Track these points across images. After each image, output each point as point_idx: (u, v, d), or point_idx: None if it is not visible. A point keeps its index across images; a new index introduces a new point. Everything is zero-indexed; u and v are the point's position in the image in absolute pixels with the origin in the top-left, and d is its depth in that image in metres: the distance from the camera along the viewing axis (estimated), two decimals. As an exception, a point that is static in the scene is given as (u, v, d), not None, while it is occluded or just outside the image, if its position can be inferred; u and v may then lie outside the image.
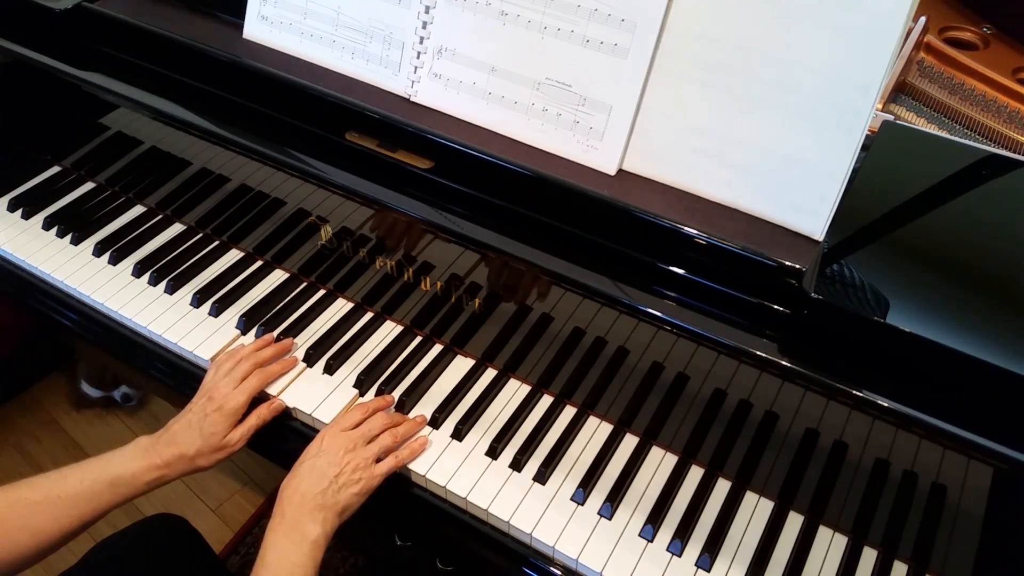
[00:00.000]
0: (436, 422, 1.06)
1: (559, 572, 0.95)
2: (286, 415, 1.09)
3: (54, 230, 1.30)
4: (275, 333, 1.15)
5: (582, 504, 0.99)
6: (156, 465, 0.97)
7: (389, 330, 1.17)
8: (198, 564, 1.11)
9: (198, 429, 1.00)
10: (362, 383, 1.10)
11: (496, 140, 0.98)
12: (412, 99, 1.03)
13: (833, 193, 0.85)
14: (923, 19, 1.28)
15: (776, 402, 0.90)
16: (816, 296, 0.79)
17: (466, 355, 1.14)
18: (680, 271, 0.88)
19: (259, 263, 1.27)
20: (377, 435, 0.99)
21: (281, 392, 1.08)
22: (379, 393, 1.09)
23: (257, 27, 1.12)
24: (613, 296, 0.90)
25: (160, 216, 1.34)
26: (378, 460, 0.97)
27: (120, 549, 1.08)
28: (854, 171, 0.84)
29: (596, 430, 1.07)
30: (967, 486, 0.82)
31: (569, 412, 1.08)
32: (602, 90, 0.92)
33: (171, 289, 1.22)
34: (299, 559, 0.85)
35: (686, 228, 0.86)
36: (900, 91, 1.21)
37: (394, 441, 0.99)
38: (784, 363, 0.82)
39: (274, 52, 1.11)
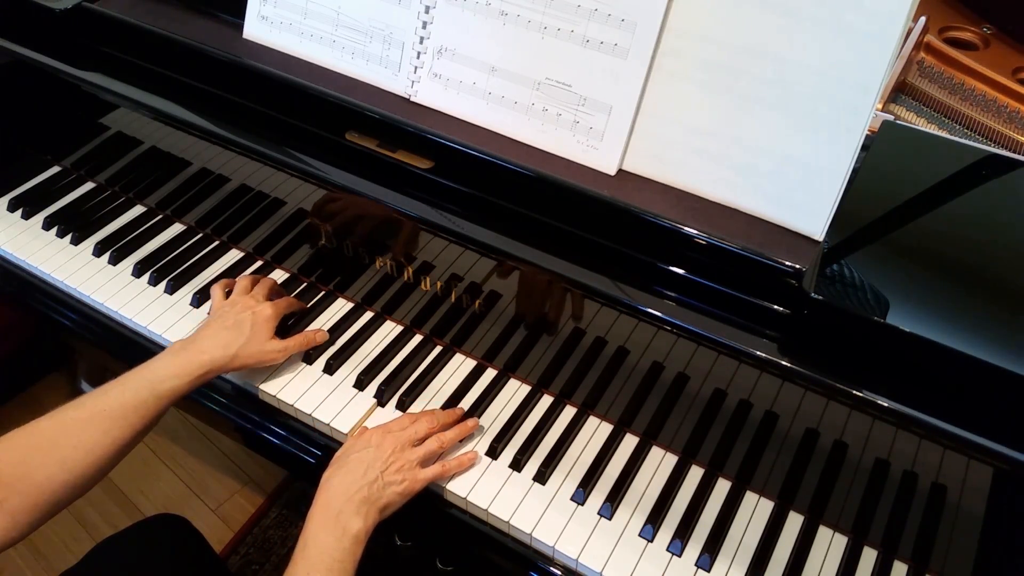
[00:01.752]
0: (436, 422, 1.05)
1: (559, 572, 0.95)
2: (284, 416, 1.09)
3: (54, 230, 1.30)
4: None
5: (582, 504, 0.99)
6: (199, 362, 0.99)
7: (389, 330, 1.17)
8: (198, 564, 1.11)
9: (249, 325, 1.04)
10: (362, 383, 1.10)
11: (496, 140, 0.98)
12: (412, 99, 1.03)
13: (833, 193, 0.84)
14: (923, 19, 1.28)
15: (776, 402, 0.90)
16: (816, 296, 0.79)
17: (466, 355, 1.14)
18: (680, 271, 0.88)
19: (259, 263, 1.27)
20: (424, 438, 0.99)
21: (280, 391, 1.08)
22: (379, 393, 1.09)
23: (257, 27, 1.12)
24: (613, 296, 0.90)
25: (160, 216, 1.34)
26: (425, 464, 0.97)
27: (120, 549, 1.08)
28: (854, 171, 0.84)
29: (596, 430, 1.07)
30: (967, 486, 0.82)
31: (569, 412, 1.08)
32: (602, 90, 0.92)
33: (171, 289, 1.22)
34: (340, 555, 0.86)
35: (686, 228, 0.86)
36: (900, 91, 1.21)
37: (440, 446, 0.99)
38: (784, 363, 0.82)
39: (274, 52, 1.11)
